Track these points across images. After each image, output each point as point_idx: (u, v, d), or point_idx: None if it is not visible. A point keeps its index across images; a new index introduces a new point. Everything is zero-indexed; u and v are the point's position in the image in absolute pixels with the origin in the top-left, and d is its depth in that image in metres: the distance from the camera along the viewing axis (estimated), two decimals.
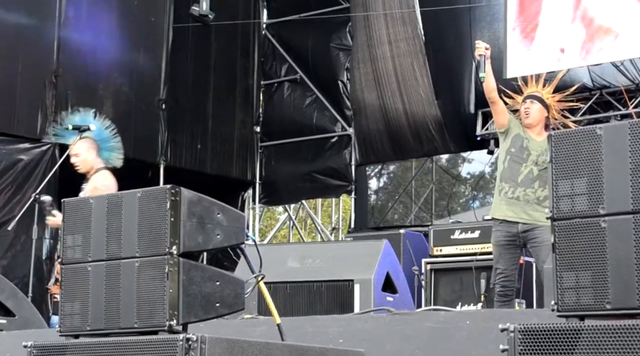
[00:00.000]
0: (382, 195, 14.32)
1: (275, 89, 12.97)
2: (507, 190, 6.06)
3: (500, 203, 6.09)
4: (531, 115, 6.09)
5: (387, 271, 5.74)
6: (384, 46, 11.81)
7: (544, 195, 5.96)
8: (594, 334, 2.96)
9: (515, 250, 6.09)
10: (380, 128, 12.07)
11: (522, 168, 6.06)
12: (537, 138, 6.11)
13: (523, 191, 5.99)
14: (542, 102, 6.16)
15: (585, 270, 3.11)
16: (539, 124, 6.14)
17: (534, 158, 6.04)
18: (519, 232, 6.00)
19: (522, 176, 6.03)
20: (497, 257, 6.09)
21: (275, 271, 5.61)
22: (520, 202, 5.98)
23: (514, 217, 6.00)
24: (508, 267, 6.04)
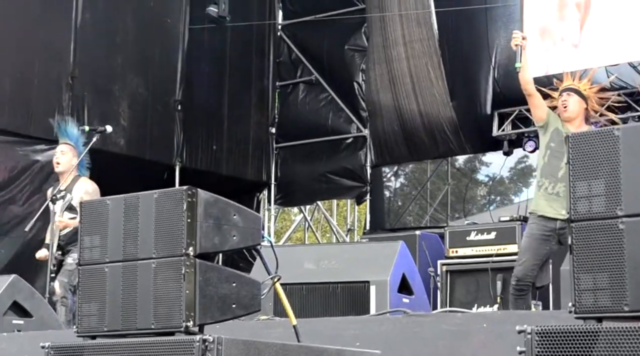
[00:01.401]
0: (397, 197, 14.30)
1: (291, 90, 12.97)
2: (547, 185, 5.97)
3: (539, 198, 5.99)
4: (569, 107, 5.97)
5: (403, 272, 5.73)
6: (399, 47, 11.78)
7: None
8: (612, 336, 2.95)
9: (547, 245, 5.93)
10: (395, 129, 12.06)
11: (562, 163, 5.91)
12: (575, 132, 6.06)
13: (563, 187, 5.85)
14: (580, 94, 6.02)
15: (603, 272, 3.09)
16: (578, 116, 6.02)
17: None
18: (557, 228, 5.88)
19: (562, 172, 5.90)
20: (525, 248, 5.96)
21: (291, 272, 5.61)
22: (560, 198, 5.83)
23: (552, 213, 5.89)
24: (531, 259, 5.89)
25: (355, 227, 13.38)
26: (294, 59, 12.89)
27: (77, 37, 10.38)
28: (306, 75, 12.77)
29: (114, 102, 10.78)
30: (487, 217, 11.31)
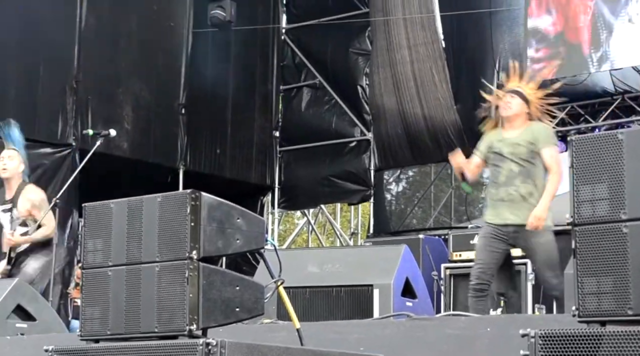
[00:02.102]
0: (401, 200, 14.30)
1: (295, 94, 12.98)
2: (492, 193, 5.98)
3: (487, 207, 6.03)
4: (512, 108, 5.96)
5: (407, 276, 5.73)
6: (403, 51, 11.79)
7: (528, 192, 5.83)
8: (616, 340, 2.94)
9: (500, 244, 5.88)
10: (399, 133, 12.07)
11: (501, 168, 5.95)
12: (510, 135, 5.98)
13: (505, 191, 5.87)
14: (523, 97, 6.01)
15: (607, 276, 3.09)
16: (517, 119, 6.00)
17: (510, 157, 5.92)
18: (509, 232, 5.85)
19: (502, 176, 5.93)
20: (479, 249, 5.94)
21: (295, 276, 5.61)
22: (505, 203, 5.86)
23: (500, 220, 5.88)
24: (486, 259, 5.84)
25: (359, 230, 13.38)
26: (298, 63, 12.90)
27: (81, 41, 10.40)
28: (310, 78, 12.78)
29: (117, 106, 10.80)
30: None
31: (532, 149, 5.90)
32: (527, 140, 5.92)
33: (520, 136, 5.96)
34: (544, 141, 5.92)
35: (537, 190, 5.86)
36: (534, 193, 5.85)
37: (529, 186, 5.86)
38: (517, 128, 5.99)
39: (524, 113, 6.03)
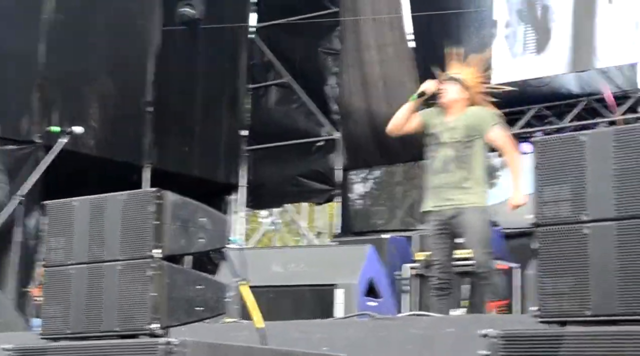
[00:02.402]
0: (367, 200, 14.30)
1: (263, 93, 12.95)
2: (430, 180, 5.96)
3: (426, 196, 6.00)
4: (449, 95, 5.95)
5: (371, 276, 5.74)
6: (371, 51, 11.80)
7: (462, 177, 5.82)
8: (575, 340, 2.97)
9: (447, 238, 5.87)
10: (367, 133, 12.07)
11: (438, 155, 5.94)
12: (449, 119, 5.96)
13: (443, 177, 5.86)
14: (463, 85, 5.99)
15: (567, 276, 3.11)
16: (456, 105, 5.97)
17: (447, 142, 5.91)
18: (447, 218, 5.82)
19: (439, 163, 5.92)
20: (432, 248, 5.94)
21: (259, 275, 5.60)
22: (442, 189, 5.85)
23: (436, 206, 5.86)
24: (441, 257, 5.84)
25: (325, 230, 13.38)
26: (267, 62, 12.87)
27: (47, 38, 10.31)
28: (278, 78, 12.76)
29: (84, 103, 10.70)
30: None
31: (470, 133, 5.87)
32: (466, 124, 5.89)
33: (458, 120, 5.93)
34: (488, 123, 5.89)
35: (473, 175, 5.84)
36: (469, 178, 5.83)
37: (464, 172, 5.83)
38: (455, 114, 5.96)
39: (463, 99, 5.98)
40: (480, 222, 5.79)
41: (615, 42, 9.72)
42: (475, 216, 5.78)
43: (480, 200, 5.83)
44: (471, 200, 5.80)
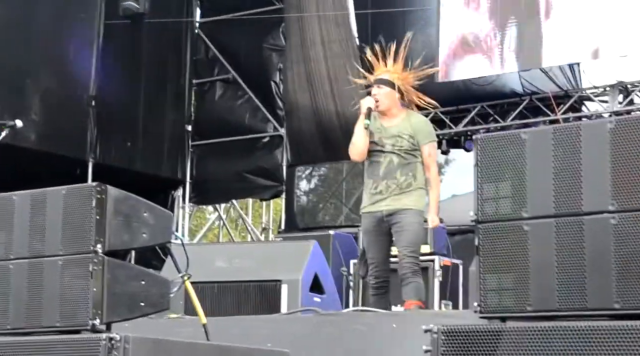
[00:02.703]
0: (313, 196, 14.33)
1: (208, 88, 12.89)
2: (371, 185, 5.93)
3: (364, 197, 5.98)
4: (380, 101, 5.88)
5: (315, 272, 5.75)
6: (317, 47, 11.81)
7: (407, 183, 5.83)
8: (515, 335, 3.01)
9: (383, 237, 5.87)
10: (312, 129, 12.08)
11: (381, 160, 5.90)
12: (390, 124, 5.92)
13: (385, 184, 5.85)
14: (391, 85, 5.93)
15: (508, 273, 3.15)
16: (392, 108, 5.93)
17: (390, 148, 5.88)
18: (383, 216, 5.82)
19: (382, 168, 5.89)
20: (367, 246, 5.93)
21: (203, 271, 5.57)
22: (384, 195, 5.84)
23: (375, 208, 5.86)
24: (377, 256, 5.85)
25: (270, 226, 13.37)
26: (212, 57, 12.81)
27: None
28: (223, 73, 12.70)
29: (25, 96, 10.56)
30: None
31: (412, 142, 5.86)
32: (408, 133, 5.87)
33: (400, 129, 5.89)
34: (424, 137, 5.88)
35: (416, 181, 5.85)
36: (412, 183, 5.85)
37: (409, 178, 5.84)
38: (394, 117, 5.93)
39: (396, 101, 5.94)
40: (414, 224, 5.81)
41: (558, 42, 9.85)
42: (410, 217, 5.79)
43: (418, 204, 5.85)
44: (410, 203, 5.81)
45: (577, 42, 9.72)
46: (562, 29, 9.80)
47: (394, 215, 5.81)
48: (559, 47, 9.86)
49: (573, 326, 2.89)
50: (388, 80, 5.95)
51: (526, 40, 10.10)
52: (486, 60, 10.39)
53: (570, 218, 3.02)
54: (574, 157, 3.02)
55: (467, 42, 10.44)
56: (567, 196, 3.03)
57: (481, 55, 10.40)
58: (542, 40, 9.95)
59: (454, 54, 10.47)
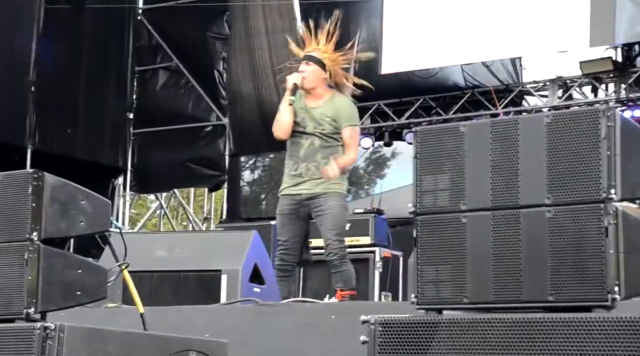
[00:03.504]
0: (255, 186, 14.31)
1: (150, 76, 12.78)
2: (291, 167, 5.86)
3: (285, 179, 5.91)
4: (307, 78, 5.79)
5: (255, 262, 5.73)
6: (261, 37, 11.78)
7: (328, 165, 5.72)
8: (451, 327, 3.03)
9: (299, 221, 5.81)
10: (255, 119, 12.06)
11: (302, 141, 5.82)
12: (314, 106, 5.84)
13: (305, 167, 5.77)
14: (320, 62, 5.82)
15: (445, 264, 3.18)
16: (318, 87, 5.84)
17: (312, 130, 5.81)
18: (303, 200, 5.77)
19: (303, 150, 5.81)
20: (280, 227, 5.86)
21: (142, 260, 5.53)
22: (304, 178, 5.78)
23: (295, 190, 5.80)
24: (290, 238, 5.79)
25: (212, 215, 13.32)
26: (154, 45, 12.69)
27: None
28: (166, 61, 12.60)
29: None
30: None
31: (335, 126, 5.78)
32: (331, 116, 5.78)
33: (323, 110, 5.81)
34: (346, 120, 5.77)
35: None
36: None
37: (329, 161, 5.75)
38: (319, 98, 5.85)
39: (323, 79, 5.85)
40: (337, 207, 5.74)
41: (500, 35, 9.94)
42: (333, 201, 5.73)
43: (339, 187, 5.79)
44: (331, 186, 5.74)
45: (518, 37, 9.82)
46: (503, 24, 9.89)
47: (315, 199, 5.75)
48: (500, 40, 9.95)
49: (508, 318, 2.92)
50: (317, 58, 5.85)
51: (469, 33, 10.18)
52: (430, 52, 10.45)
53: (507, 211, 3.04)
54: (511, 151, 3.05)
55: (410, 34, 10.49)
56: (505, 189, 3.06)
57: (425, 48, 10.46)
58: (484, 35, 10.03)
59: (398, 46, 10.51)
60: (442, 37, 10.32)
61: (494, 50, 10.15)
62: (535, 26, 9.72)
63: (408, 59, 10.63)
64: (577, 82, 10.69)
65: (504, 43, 9.96)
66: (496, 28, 9.97)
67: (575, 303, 2.88)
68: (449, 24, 10.31)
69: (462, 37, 10.19)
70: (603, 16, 9.17)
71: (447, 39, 10.29)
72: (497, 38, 9.98)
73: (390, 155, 16.22)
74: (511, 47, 10.02)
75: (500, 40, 9.96)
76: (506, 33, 9.88)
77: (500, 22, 9.93)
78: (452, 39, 10.26)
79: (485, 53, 10.20)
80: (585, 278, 2.86)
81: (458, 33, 10.21)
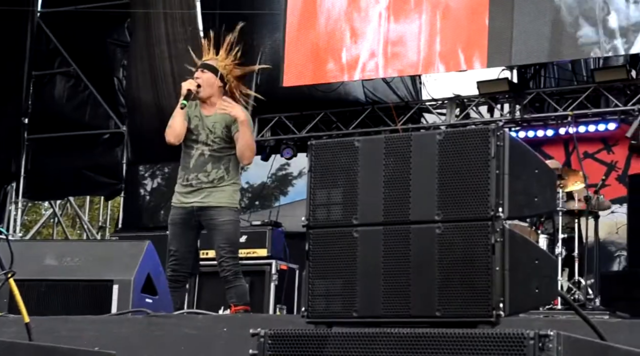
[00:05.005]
0: (154, 196, 14.14)
1: (47, 81, 12.51)
2: (182, 177, 5.83)
3: (177, 190, 5.87)
4: (202, 86, 5.77)
5: (148, 272, 5.65)
6: (162, 46, 11.65)
7: (218, 177, 5.72)
8: (340, 341, 3.04)
9: (191, 231, 5.80)
10: (155, 127, 11.87)
11: (193, 151, 5.79)
12: (208, 114, 5.82)
13: (195, 177, 5.74)
14: (215, 71, 5.82)
15: (337, 279, 3.19)
16: (212, 96, 5.82)
17: (204, 139, 5.78)
18: (194, 210, 5.74)
19: (193, 160, 5.78)
20: (171, 237, 5.84)
21: (31, 268, 5.41)
22: (194, 189, 5.74)
23: (186, 204, 5.78)
24: (180, 248, 5.77)
25: (108, 224, 13.11)
26: (52, 49, 12.43)
27: None
28: (64, 66, 12.35)
29: None
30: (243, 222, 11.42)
31: (228, 134, 5.75)
32: (224, 123, 5.75)
33: (216, 119, 5.78)
34: (236, 124, 5.71)
35: (229, 175, 5.76)
36: (225, 178, 5.75)
37: (220, 171, 5.74)
38: (214, 107, 5.81)
39: (218, 88, 5.83)
40: (230, 222, 5.71)
41: (400, 53, 10.05)
42: (225, 216, 5.70)
43: (232, 200, 5.76)
44: (223, 200, 5.71)
45: (418, 53, 9.95)
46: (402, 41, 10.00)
47: (206, 211, 5.72)
48: (400, 57, 10.06)
49: (396, 332, 2.95)
50: (212, 66, 5.84)
51: (370, 49, 10.27)
52: (331, 67, 10.50)
53: (397, 226, 3.07)
54: (403, 167, 3.08)
55: (313, 48, 10.53)
56: (396, 205, 3.08)
57: (327, 62, 10.51)
58: (382, 52, 10.13)
59: (300, 59, 10.53)
60: (343, 52, 10.38)
61: (395, 67, 10.25)
62: (434, 45, 9.86)
63: (309, 72, 10.66)
64: (474, 101, 10.89)
65: (404, 60, 10.07)
66: (396, 44, 10.07)
67: (461, 319, 2.92)
68: (350, 39, 10.38)
69: (362, 53, 10.27)
70: (500, 37, 9.37)
71: (348, 54, 10.35)
72: (398, 54, 10.09)
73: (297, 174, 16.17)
74: (411, 64, 10.13)
75: (401, 56, 10.07)
76: (407, 49, 9.99)
77: (401, 39, 10.04)
78: (353, 55, 10.33)
79: (383, 70, 10.29)
80: (472, 294, 2.91)
81: (360, 49, 10.29)
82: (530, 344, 2.67)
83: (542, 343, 2.66)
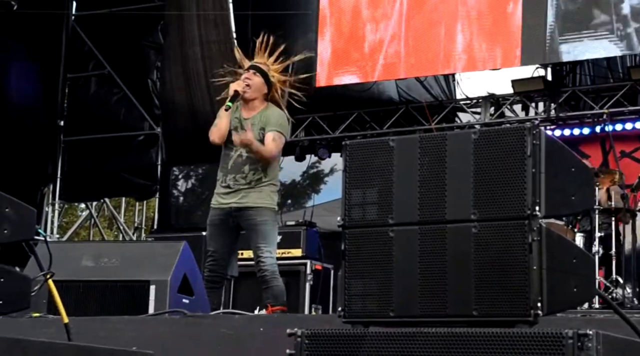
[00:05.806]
0: (188, 197, 14.21)
1: (83, 83, 12.61)
2: (221, 178, 5.83)
3: (215, 191, 5.87)
4: (251, 87, 5.76)
5: (185, 272, 5.68)
6: (195, 47, 11.72)
7: (256, 178, 5.72)
8: (377, 341, 3.04)
9: (229, 232, 5.79)
10: (189, 129, 11.99)
11: (232, 153, 5.80)
12: (248, 116, 5.80)
13: (233, 178, 5.75)
14: (266, 77, 5.82)
15: (372, 278, 3.19)
16: (255, 100, 5.80)
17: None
18: (232, 211, 5.74)
19: (231, 162, 5.78)
20: (209, 238, 5.85)
21: (69, 269, 5.46)
22: (231, 190, 5.74)
23: (225, 203, 5.77)
24: (218, 249, 5.78)
25: (143, 225, 13.18)
26: (87, 52, 12.53)
27: None
28: (99, 68, 12.45)
29: None
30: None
31: (264, 134, 5.74)
32: (261, 125, 5.75)
33: (254, 121, 5.77)
34: (273, 125, 5.72)
35: (267, 176, 5.75)
36: (262, 179, 5.74)
37: (258, 172, 5.73)
38: (254, 110, 5.81)
39: (262, 93, 5.83)
40: (268, 222, 5.72)
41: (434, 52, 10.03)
42: (264, 216, 5.71)
43: (269, 201, 5.76)
44: (261, 200, 5.72)
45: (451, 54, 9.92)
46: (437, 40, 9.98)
47: (244, 212, 5.72)
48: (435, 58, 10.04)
49: (433, 332, 2.94)
50: (264, 71, 5.84)
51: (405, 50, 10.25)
52: (364, 67, 10.50)
53: (433, 226, 3.07)
54: (439, 166, 3.07)
55: (346, 49, 10.54)
56: (432, 204, 3.08)
57: (360, 62, 10.51)
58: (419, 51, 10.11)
59: (333, 60, 10.54)
60: (377, 52, 10.37)
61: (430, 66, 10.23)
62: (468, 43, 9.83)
63: (343, 73, 10.66)
64: (509, 100, 10.84)
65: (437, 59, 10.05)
66: (430, 44, 10.05)
67: (498, 318, 2.90)
68: (383, 39, 10.37)
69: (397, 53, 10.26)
70: (534, 35, 9.32)
71: (381, 54, 10.35)
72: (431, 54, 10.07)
73: (328, 171, 16.19)
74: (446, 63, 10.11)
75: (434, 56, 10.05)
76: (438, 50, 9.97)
77: (434, 39, 10.02)
78: (387, 55, 10.31)
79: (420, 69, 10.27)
80: (509, 294, 2.89)
81: (393, 48, 10.27)
82: (569, 343, 2.66)
83: (581, 343, 2.65)
